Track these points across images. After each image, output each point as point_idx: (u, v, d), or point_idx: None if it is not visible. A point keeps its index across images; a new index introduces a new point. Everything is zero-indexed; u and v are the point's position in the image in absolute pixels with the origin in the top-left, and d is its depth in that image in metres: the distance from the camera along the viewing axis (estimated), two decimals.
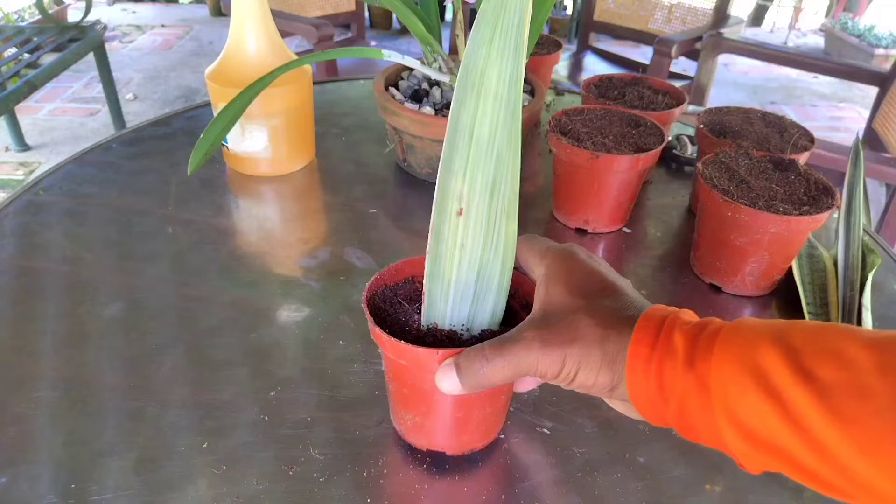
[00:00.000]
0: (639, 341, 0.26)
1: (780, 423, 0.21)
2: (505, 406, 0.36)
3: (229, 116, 0.48)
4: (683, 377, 0.24)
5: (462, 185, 0.28)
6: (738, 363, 0.23)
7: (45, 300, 0.48)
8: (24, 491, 0.34)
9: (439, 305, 0.31)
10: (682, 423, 0.25)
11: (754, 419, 0.22)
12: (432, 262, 0.30)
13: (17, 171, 1.84)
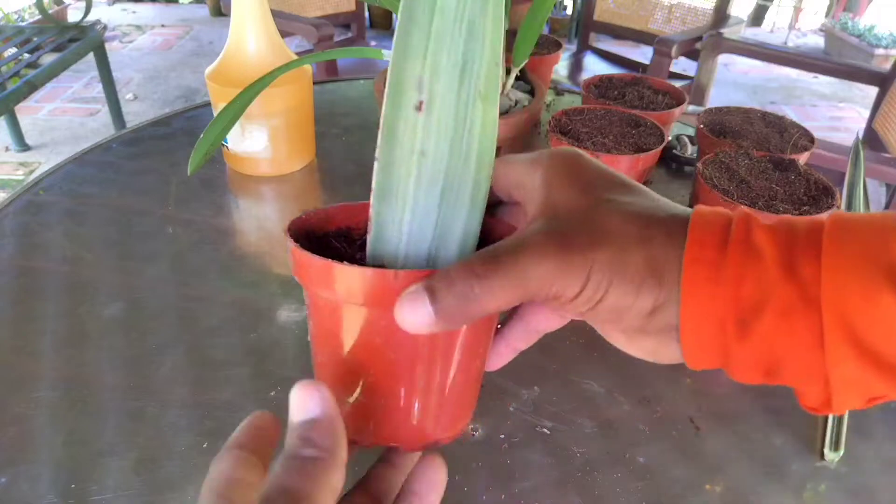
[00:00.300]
0: (700, 242, 0.19)
1: None
2: (477, 379, 0.27)
3: (229, 116, 0.48)
4: (777, 288, 0.18)
5: (422, 69, 0.21)
6: (862, 263, 0.17)
7: (45, 300, 0.48)
8: (24, 491, 0.34)
9: (391, 236, 0.23)
10: (759, 352, 0.19)
11: (885, 334, 0.17)
12: (382, 177, 0.22)
13: (17, 171, 1.84)
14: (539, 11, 0.56)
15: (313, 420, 0.19)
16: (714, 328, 0.19)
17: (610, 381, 0.43)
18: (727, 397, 0.42)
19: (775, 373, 0.19)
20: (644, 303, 0.19)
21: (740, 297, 0.18)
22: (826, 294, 0.17)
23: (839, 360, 0.18)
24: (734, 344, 0.19)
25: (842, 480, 0.37)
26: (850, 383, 0.18)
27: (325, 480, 0.18)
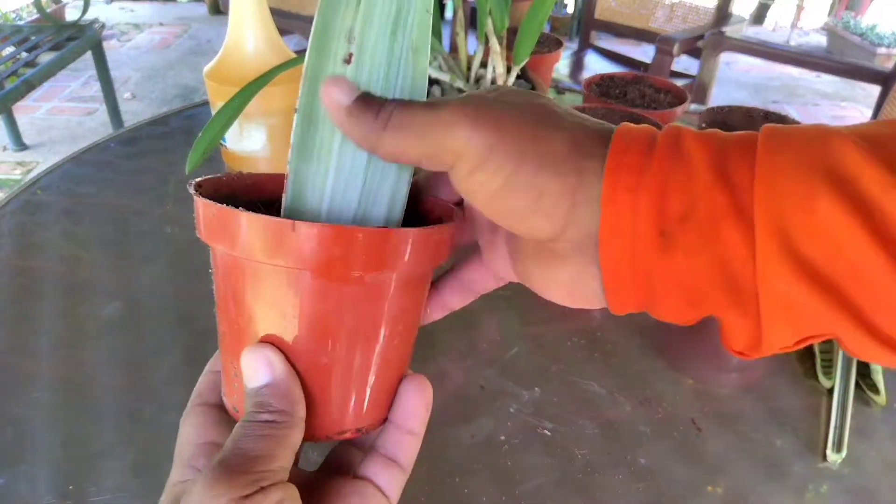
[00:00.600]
0: (625, 149, 0.17)
1: (866, 245, 0.15)
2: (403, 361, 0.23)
3: (228, 115, 0.48)
4: (707, 194, 0.16)
5: (353, 19, 0.20)
6: (796, 170, 0.15)
7: (43, 300, 0.47)
8: (22, 492, 0.34)
9: (311, 196, 0.21)
10: (683, 271, 0.17)
11: (823, 245, 0.15)
12: (302, 131, 0.20)
13: (14, 170, 1.83)
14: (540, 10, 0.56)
15: (266, 385, 0.19)
16: (635, 242, 0.17)
17: (611, 381, 0.42)
18: (729, 398, 0.42)
19: (701, 300, 0.17)
20: (552, 199, 0.17)
21: (665, 206, 0.17)
22: (759, 200, 0.16)
23: (772, 275, 0.16)
24: (656, 259, 0.17)
25: (844, 481, 0.37)
26: (783, 307, 0.16)
27: (283, 440, 0.19)
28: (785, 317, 0.17)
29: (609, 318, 0.48)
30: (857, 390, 0.42)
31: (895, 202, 0.15)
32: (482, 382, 0.42)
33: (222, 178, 0.24)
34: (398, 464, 0.23)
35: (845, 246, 0.15)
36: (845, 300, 0.16)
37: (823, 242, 0.15)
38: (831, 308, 0.16)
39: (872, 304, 0.16)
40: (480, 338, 0.45)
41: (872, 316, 0.16)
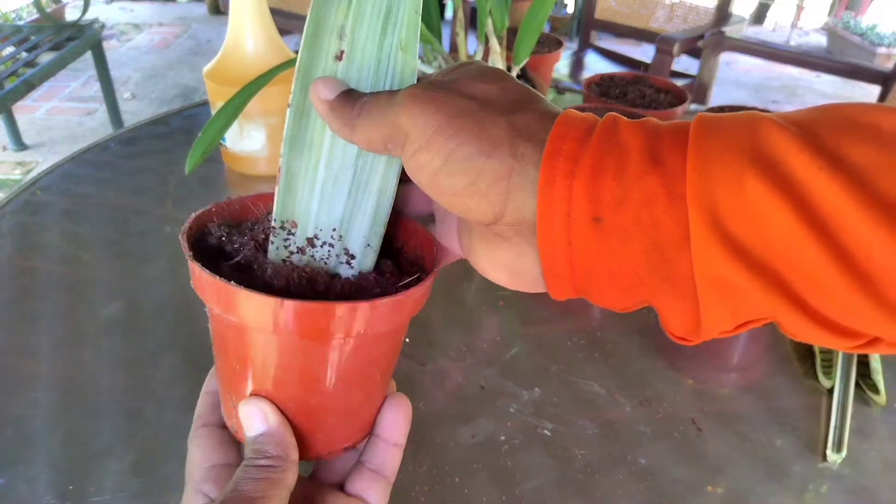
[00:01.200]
0: (563, 136, 0.18)
1: (794, 225, 0.15)
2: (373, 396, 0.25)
3: (227, 115, 0.48)
4: (640, 180, 0.16)
5: (345, 17, 0.21)
6: (727, 154, 0.16)
7: (43, 300, 0.47)
8: (22, 492, 0.34)
9: (302, 190, 0.22)
10: (618, 256, 0.17)
11: (753, 225, 0.16)
12: (295, 125, 0.21)
13: (14, 170, 1.83)
14: (540, 10, 0.56)
15: (262, 434, 0.22)
16: (570, 227, 0.17)
17: (611, 382, 0.42)
18: (729, 398, 0.42)
19: (636, 286, 0.18)
20: (490, 179, 0.18)
21: (599, 192, 0.17)
22: (691, 183, 0.16)
23: (706, 257, 0.16)
24: (591, 245, 0.17)
25: (844, 481, 0.37)
26: (718, 289, 0.17)
27: (277, 483, 0.21)
28: (721, 299, 0.17)
29: (609, 319, 0.48)
30: (857, 390, 0.42)
31: (822, 183, 0.15)
32: (482, 382, 0.42)
33: (211, 210, 0.25)
34: (384, 476, 0.25)
35: (774, 226, 0.15)
36: (779, 281, 0.16)
37: (753, 223, 0.15)
38: (766, 289, 0.16)
39: (805, 284, 0.16)
40: (480, 338, 0.45)
41: (807, 297, 0.16)
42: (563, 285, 0.19)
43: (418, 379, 0.42)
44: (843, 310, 0.16)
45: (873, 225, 0.14)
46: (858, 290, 0.15)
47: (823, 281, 0.15)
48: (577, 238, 0.17)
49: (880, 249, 0.14)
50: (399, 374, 0.42)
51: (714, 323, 0.18)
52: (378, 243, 0.24)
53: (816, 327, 0.16)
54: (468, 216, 0.19)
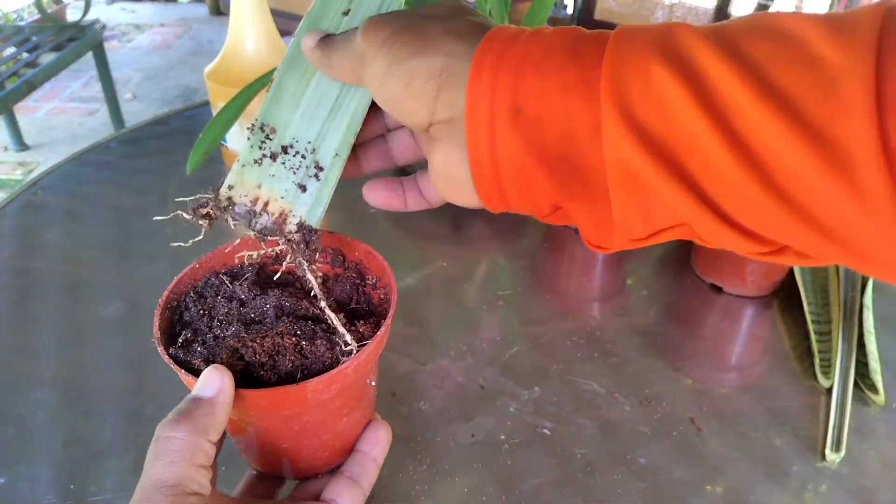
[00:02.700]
0: (495, 37, 0.19)
1: (694, 111, 0.16)
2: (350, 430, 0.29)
3: (228, 116, 0.48)
4: (558, 71, 0.18)
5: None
6: (642, 48, 0.17)
7: (44, 300, 0.47)
8: (22, 491, 0.34)
9: (287, 103, 0.26)
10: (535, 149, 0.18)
11: (658, 112, 0.16)
12: (295, 50, 0.26)
13: (15, 170, 1.84)
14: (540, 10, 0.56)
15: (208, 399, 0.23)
16: (493, 119, 0.18)
17: (610, 381, 0.42)
18: (728, 398, 0.42)
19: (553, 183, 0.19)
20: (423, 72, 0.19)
21: (521, 84, 0.18)
22: (605, 74, 0.17)
23: (614, 142, 0.17)
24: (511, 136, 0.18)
25: (843, 481, 0.37)
26: (628, 181, 0.17)
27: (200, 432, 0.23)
28: (631, 196, 0.18)
29: (609, 319, 0.48)
30: (856, 390, 0.42)
31: (721, 73, 0.15)
32: (482, 382, 0.42)
33: (196, 269, 0.30)
34: (360, 485, 0.26)
35: (677, 113, 0.16)
36: (683, 173, 0.16)
37: (658, 110, 0.16)
38: (671, 182, 0.17)
39: (706, 175, 0.16)
40: (480, 337, 0.46)
41: (710, 192, 0.17)
42: (489, 188, 0.20)
43: (418, 378, 0.42)
44: (744, 204, 0.16)
45: (765, 111, 0.15)
46: (753, 177, 0.15)
47: (722, 169, 0.16)
48: (499, 130, 0.18)
49: (771, 135, 0.15)
50: (399, 373, 0.42)
51: (626, 225, 0.18)
52: (347, 153, 0.27)
53: (727, 230, 0.17)
54: (409, 121, 0.21)
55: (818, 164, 0.15)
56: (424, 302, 0.49)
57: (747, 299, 0.51)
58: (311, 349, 0.26)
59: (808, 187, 0.15)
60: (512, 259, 0.54)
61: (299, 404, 0.25)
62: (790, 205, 0.15)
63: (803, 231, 0.16)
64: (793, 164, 0.15)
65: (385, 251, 0.55)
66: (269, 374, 0.25)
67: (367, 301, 0.30)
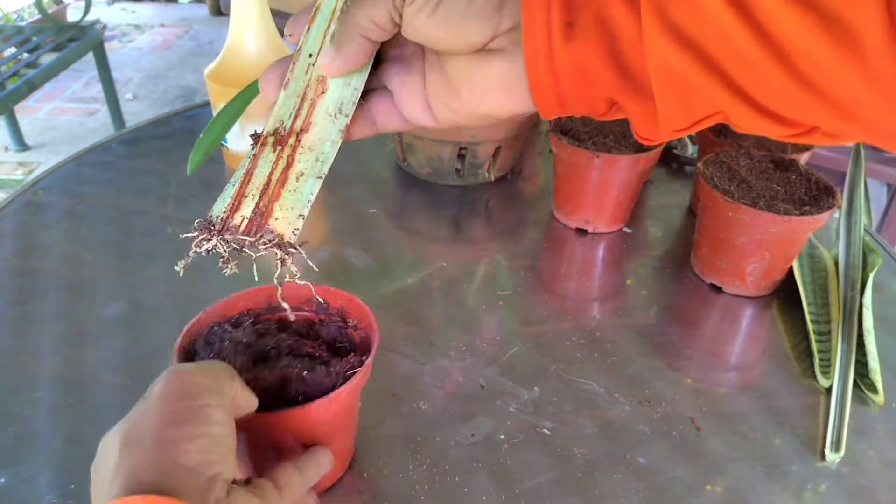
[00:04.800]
0: None
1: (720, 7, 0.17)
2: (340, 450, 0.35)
3: (229, 116, 0.48)
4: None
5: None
6: None
7: (45, 300, 0.48)
8: (23, 491, 0.34)
9: None
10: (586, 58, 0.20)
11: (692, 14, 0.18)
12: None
13: (16, 170, 1.84)
14: None
15: None
16: (549, 33, 0.20)
17: (610, 381, 0.42)
18: (727, 397, 0.42)
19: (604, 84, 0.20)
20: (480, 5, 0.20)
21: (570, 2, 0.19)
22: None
23: (655, 46, 0.18)
24: (566, 48, 0.20)
25: (842, 481, 0.37)
26: (669, 79, 0.19)
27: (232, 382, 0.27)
28: (672, 91, 0.19)
29: (608, 318, 0.48)
30: (856, 390, 0.42)
31: None
32: (482, 382, 0.42)
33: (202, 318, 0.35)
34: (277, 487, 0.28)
35: (708, 13, 0.17)
36: (717, 67, 0.18)
37: (692, 11, 0.18)
38: (708, 77, 0.18)
39: (739, 69, 0.18)
40: (480, 337, 0.46)
41: (741, 81, 0.18)
42: (547, 96, 0.21)
43: (418, 378, 0.42)
44: (771, 91, 0.18)
45: (785, 2, 0.16)
46: (777, 65, 0.17)
47: (750, 60, 0.17)
48: (556, 43, 0.20)
49: (791, 24, 0.16)
50: (399, 373, 0.43)
51: (670, 118, 0.20)
52: None
53: (758, 116, 0.19)
54: (466, 40, 0.21)
55: (834, 48, 0.16)
56: (424, 302, 0.49)
57: (747, 299, 0.51)
58: (312, 378, 0.31)
59: (825, 71, 0.16)
60: (512, 259, 0.54)
61: (304, 424, 0.30)
62: (812, 88, 0.17)
63: (826, 112, 0.17)
64: (812, 50, 0.16)
65: (385, 251, 0.55)
66: (276, 402, 0.30)
67: (350, 341, 0.35)
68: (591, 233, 0.58)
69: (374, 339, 0.33)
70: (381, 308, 0.48)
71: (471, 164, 0.62)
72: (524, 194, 0.65)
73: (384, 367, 0.43)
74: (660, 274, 0.54)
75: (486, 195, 0.64)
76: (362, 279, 0.51)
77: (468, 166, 0.63)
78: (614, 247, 0.57)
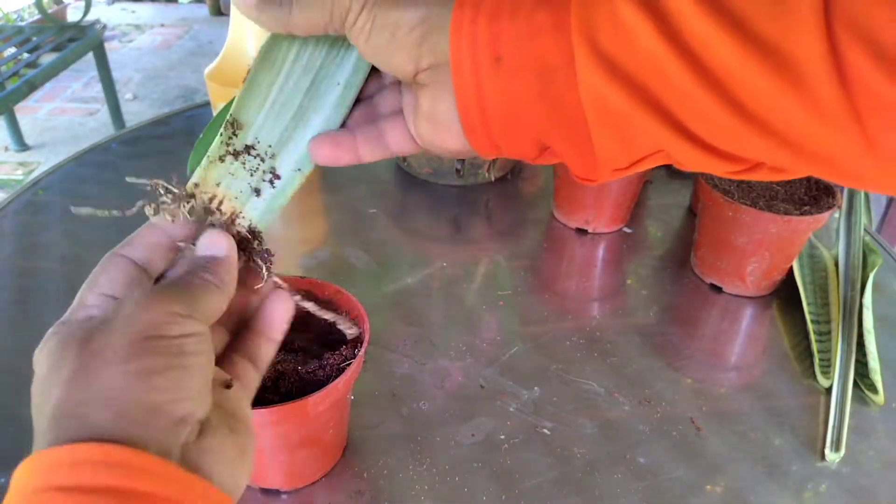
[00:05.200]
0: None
1: (657, 39, 0.16)
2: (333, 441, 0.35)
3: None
4: (530, 16, 0.18)
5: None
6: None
7: (45, 300, 0.48)
8: None
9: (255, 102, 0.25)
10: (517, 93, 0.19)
11: (624, 44, 0.17)
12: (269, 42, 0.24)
13: (16, 170, 1.84)
14: None
15: (215, 257, 0.23)
16: (477, 69, 0.19)
17: (610, 381, 0.42)
18: (727, 397, 0.42)
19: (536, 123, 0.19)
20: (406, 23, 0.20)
21: (498, 32, 0.19)
22: (575, 12, 0.18)
23: (589, 80, 0.18)
24: (494, 83, 0.19)
25: (842, 481, 0.37)
26: (603, 114, 0.18)
27: (214, 300, 0.22)
28: (609, 127, 0.19)
29: (608, 318, 0.48)
30: (856, 389, 0.42)
31: (681, 2, 0.16)
32: (482, 382, 0.42)
33: None
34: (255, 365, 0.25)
35: (642, 43, 0.17)
36: (655, 101, 0.17)
37: (625, 44, 0.17)
38: (645, 111, 0.17)
39: (677, 103, 0.17)
40: (480, 337, 0.46)
41: (680, 116, 0.17)
42: (479, 134, 0.21)
43: (418, 378, 0.42)
44: (712, 126, 0.17)
45: (723, 35, 0.16)
46: (717, 99, 0.16)
47: (688, 94, 0.17)
48: (485, 79, 0.19)
49: (730, 56, 0.16)
50: (399, 373, 0.43)
51: (609, 156, 0.20)
52: (309, 169, 0.26)
53: (700, 152, 0.18)
54: (396, 72, 0.21)
55: (775, 80, 0.15)
56: (424, 302, 0.49)
57: (747, 299, 0.51)
58: (306, 371, 0.31)
59: (767, 103, 0.16)
60: (512, 259, 0.54)
61: (300, 417, 0.30)
62: (754, 122, 0.16)
63: (770, 146, 0.17)
64: (751, 82, 0.16)
65: (385, 251, 0.55)
66: (272, 396, 0.30)
67: (340, 332, 0.34)
68: (591, 233, 0.58)
69: (365, 330, 0.33)
70: (381, 308, 0.48)
71: (471, 164, 0.62)
72: (524, 194, 0.65)
73: (384, 367, 0.43)
74: (660, 274, 0.54)
75: (486, 195, 0.64)
76: (362, 279, 0.51)
77: (468, 166, 0.63)
78: (614, 247, 0.57)
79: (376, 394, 0.41)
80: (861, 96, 0.15)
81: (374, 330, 0.33)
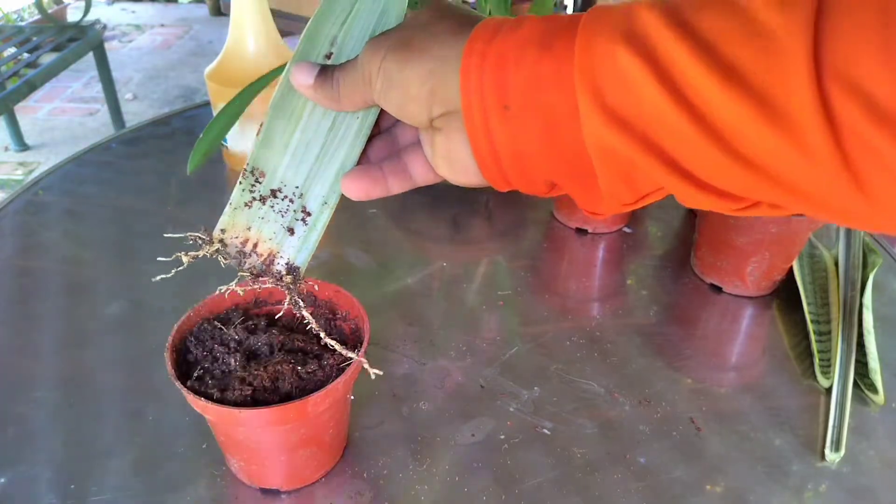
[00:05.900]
0: (477, 37, 0.21)
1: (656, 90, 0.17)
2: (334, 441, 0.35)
3: (229, 116, 0.48)
4: (534, 66, 0.19)
5: (338, 31, 0.25)
6: (608, 34, 0.18)
7: (45, 300, 0.48)
8: (23, 491, 0.34)
9: (275, 150, 0.27)
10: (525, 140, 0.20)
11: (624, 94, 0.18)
12: (282, 93, 0.26)
13: (16, 170, 1.84)
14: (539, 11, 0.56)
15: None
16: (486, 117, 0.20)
17: (610, 381, 0.42)
18: (727, 397, 0.42)
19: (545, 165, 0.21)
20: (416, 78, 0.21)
21: (506, 82, 0.20)
22: (578, 62, 0.19)
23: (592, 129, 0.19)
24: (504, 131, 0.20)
25: (842, 481, 0.37)
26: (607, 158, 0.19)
27: None
28: (613, 170, 0.20)
29: (608, 318, 0.48)
30: (856, 390, 0.42)
31: (677, 52, 0.17)
32: (482, 382, 0.42)
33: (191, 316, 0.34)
34: None
35: (642, 93, 0.17)
36: (655, 147, 0.18)
37: (626, 92, 0.18)
38: (645, 155, 0.18)
39: (676, 149, 0.18)
40: (480, 337, 0.46)
41: (680, 160, 0.18)
42: (493, 173, 0.22)
43: (418, 378, 0.42)
44: (711, 169, 0.18)
45: (717, 84, 0.16)
46: (713, 145, 0.17)
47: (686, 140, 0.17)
48: (494, 126, 0.21)
49: (724, 105, 0.16)
50: (399, 373, 0.43)
51: (614, 194, 0.21)
52: (335, 201, 0.28)
53: (701, 193, 0.19)
54: (414, 122, 0.23)
55: (767, 127, 0.16)
56: (424, 302, 0.49)
57: (747, 299, 0.51)
58: (305, 372, 0.31)
59: (761, 149, 0.17)
60: (512, 259, 0.54)
61: (300, 417, 0.30)
62: (749, 166, 0.17)
63: (767, 187, 0.17)
64: (745, 129, 0.16)
65: (385, 251, 0.55)
66: (271, 397, 0.30)
67: (340, 332, 0.35)
68: (591, 233, 0.58)
69: (364, 330, 0.33)
70: (381, 308, 0.48)
71: None
72: (524, 194, 0.65)
73: (384, 367, 0.43)
74: (660, 274, 0.54)
75: (486, 195, 0.64)
76: (362, 279, 0.51)
77: None
78: (614, 247, 0.57)
79: (376, 394, 0.41)
80: (851, 143, 0.15)
81: (374, 330, 0.33)
